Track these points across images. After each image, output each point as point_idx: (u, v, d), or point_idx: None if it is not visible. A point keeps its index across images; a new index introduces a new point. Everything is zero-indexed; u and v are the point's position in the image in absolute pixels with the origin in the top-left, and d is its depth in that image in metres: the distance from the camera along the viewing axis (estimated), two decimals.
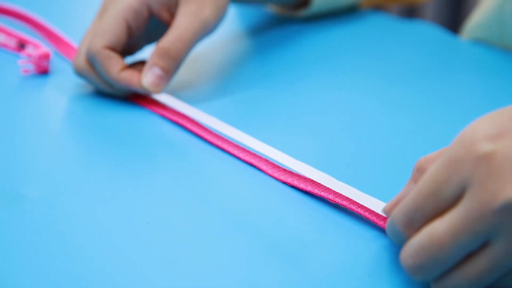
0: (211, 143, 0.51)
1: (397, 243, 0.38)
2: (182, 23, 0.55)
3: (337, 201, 0.43)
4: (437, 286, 0.35)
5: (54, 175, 0.47)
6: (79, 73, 0.56)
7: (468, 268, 0.34)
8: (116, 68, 0.55)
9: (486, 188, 0.33)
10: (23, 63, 0.60)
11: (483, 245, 0.34)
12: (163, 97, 0.55)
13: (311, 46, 0.68)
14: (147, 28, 0.58)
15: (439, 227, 0.34)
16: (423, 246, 0.34)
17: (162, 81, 0.55)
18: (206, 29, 0.56)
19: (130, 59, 0.58)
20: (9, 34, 0.65)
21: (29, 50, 0.63)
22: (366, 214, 0.42)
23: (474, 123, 0.35)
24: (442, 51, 0.69)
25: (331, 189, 0.44)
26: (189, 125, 0.53)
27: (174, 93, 0.58)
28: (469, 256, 0.34)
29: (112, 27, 0.55)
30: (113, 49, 0.55)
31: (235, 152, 0.49)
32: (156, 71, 0.55)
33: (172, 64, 0.55)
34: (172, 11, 0.57)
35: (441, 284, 0.35)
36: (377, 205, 0.42)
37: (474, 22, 0.70)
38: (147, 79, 0.55)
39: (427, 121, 0.55)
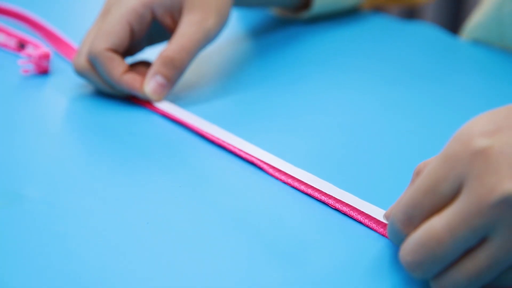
0: (211, 141, 0.51)
1: (398, 244, 0.38)
2: (187, 32, 0.55)
3: (337, 206, 0.43)
4: (437, 284, 0.35)
5: (54, 175, 0.47)
6: (79, 72, 0.56)
7: (467, 264, 0.34)
8: (118, 71, 0.55)
9: (483, 183, 0.33)
10: (23, 63, 0.60)
11: (482, 241, 0.34)
12: (164, 105, 0.55)
13: (312, 48, 0.68)
14: (148, 31, 0.58)
15: (437, 223, 0.34)
16: (422, 243, 0.34)
17: (164, 90, 0.55)
18: (209, 39, 0.56)
19: (130, 59, 0.58)
20: (9, 34, 0.65)
21: (29, 50, 0.63)
22: (366, 221, 0.42)
23: (470, 121, 0.35)
24: (442, 51, 0.69)
25: (331, 195, 0.44)
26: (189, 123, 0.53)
27: (176, 94, 0.58)
28: (467, 252, 0.34)
29: (115, 29, 0.55)
30: (115, 51, 0.55)
31: (236, 150, 0.49)
32: (159, 79, 0.55)
33: (175, 73, 0.55)
34: (175, 18, 0.57)
35: (441, 281, 0.35)
36: (378, 213, 0.42)
37: (474, 23, 0.70)
38: (149, 87, 0.55)
39: (427, 121, 0.55)
